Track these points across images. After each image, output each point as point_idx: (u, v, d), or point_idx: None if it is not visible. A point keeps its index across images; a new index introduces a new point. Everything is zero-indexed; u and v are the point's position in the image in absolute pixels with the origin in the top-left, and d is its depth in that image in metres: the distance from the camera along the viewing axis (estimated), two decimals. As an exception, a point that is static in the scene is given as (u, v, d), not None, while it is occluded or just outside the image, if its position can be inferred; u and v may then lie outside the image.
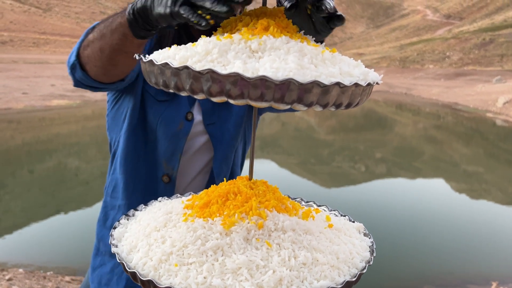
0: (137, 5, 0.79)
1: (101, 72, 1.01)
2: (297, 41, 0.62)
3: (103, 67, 0.99)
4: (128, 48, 0.92)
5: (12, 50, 43.49)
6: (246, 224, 0.65)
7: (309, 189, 7.01)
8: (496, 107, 16.50)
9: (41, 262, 4.17)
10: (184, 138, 1.26)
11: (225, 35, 0.62)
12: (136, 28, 0.82)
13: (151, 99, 1.26)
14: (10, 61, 26.89)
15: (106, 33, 0.92)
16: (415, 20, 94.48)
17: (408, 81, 29.10)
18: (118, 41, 0.90)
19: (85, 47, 1.00)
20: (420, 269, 4.30)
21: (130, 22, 0.83)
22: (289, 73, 0.53)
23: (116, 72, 1.03)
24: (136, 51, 0.92)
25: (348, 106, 0.58)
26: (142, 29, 0.82)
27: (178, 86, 0.57)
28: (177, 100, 1.26)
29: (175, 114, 1.26)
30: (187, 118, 1.26)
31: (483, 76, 26.96)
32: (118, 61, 0.97)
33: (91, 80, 1.04)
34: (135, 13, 0.80)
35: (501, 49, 36.98)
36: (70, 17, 66.18)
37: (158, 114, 1.26)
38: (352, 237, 0.75)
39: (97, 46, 0.96)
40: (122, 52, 0.93)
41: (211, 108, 1.30)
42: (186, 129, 1.26)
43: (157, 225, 0.69)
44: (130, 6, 0.82)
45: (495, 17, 63.27)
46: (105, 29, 0.93)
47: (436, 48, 43.39)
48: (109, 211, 1.34)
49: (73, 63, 1.02)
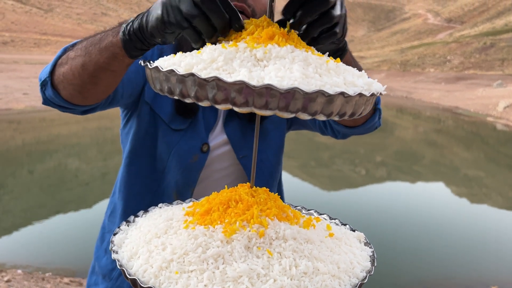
0: (134, 25, 0.78)
1: (77, 90, 0.95)
2: (302, 50, 0.62)
3: (82, 85, 0.94)
4: (115, 67, 0.89)
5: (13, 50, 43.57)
6: (247, 232, 0.64)
7: (309, 192, 7.00)
8: (496, 111, 16.50)
9: (40, 263, 4.16)
10: (198, 172, 1.20)
11: (230, 43, 0.62)
12: (130, 47, 0.81)
13: (164, 127, 1.20)
14: (11, 61, 26.93)
15: (93, 51, 0.89)
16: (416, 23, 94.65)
17: (408, 84, 29.11)
18: (106, 60, 0.87)
19: (61, 64, 0.96)
20: (420, 273, 4.29)
21: (124, 42, 0.81)
22: (294, 82, 0.53)
23: (94, 91, 0.97)
24: (123, 70, 0.91)
25: (352, 115, 0.58)
26: (136, 49, 0.81)
27: (183, 93, 0.57)
28: (192, 130, 1.20)
29: (190, 145, 1.20)
30: (203, 150, 1.20)
31: (483, 80, 26.96)
32: (101, 79, 0.93)
33: (62, 100, 0.98)
34: (130, 33, 0.79)
35: (502, 53, 37.01)
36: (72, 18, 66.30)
37: (171, 145, 1.19)
38: (353, 246, 0.74)
39: (78, 62, 0.91)
40: (107, 70, 0.90)
41: (241, 139, 1.24)
42: (201, 162, 1.20)
43: (158, 231, 0.69)
44: (125, 26, 0.81)
45: (496, 21, 63.36)
46: (91, 46, 0.90)
47: (437, 52, 43.44)
48: (106, 234, 1.32)
49: (44, 80, 0.98)
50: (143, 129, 1.21)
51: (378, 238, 4.91)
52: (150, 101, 1.20)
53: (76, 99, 0.98)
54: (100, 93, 0.99)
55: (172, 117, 1.19)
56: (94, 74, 0.91)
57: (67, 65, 0.94)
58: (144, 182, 1.23)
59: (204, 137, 1.20)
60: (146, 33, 0.75)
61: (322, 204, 6.31)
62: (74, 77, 0.93)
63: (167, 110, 1.19)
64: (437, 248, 4.79)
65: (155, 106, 1.20)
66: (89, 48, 0.90)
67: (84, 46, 0.92)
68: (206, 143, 1.20)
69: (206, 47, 0.63)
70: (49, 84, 0.97)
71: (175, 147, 1.19)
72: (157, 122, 1.20)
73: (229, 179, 1.26)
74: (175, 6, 0.67)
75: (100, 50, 0.87)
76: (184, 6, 0.65)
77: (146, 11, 0.77)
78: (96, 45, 0.89)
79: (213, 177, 1.24)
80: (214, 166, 1.24)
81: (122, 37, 0.81)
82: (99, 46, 0.88)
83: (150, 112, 1.20)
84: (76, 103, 0.99)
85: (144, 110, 1.20)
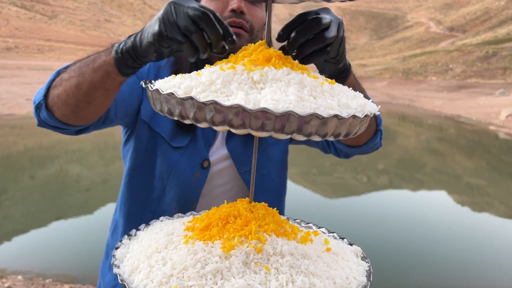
0: (127, 44, 0.81)
1: (72, 110, 0.98)
2: (297, 72, 0.64)
3: (76, 105, 0.96)
4: (108, 86, 0.92)
5: (17, 56, 43.80)
6: (245, 248, 0.65)
7: (311, 200, 6.99)
8: (499, 120, 16.48)
9: (40, 269, 4.15)
10: (200, 188, 1.20)
11: (228, 66, 0.64)
12: (122, 65, 0.84)
13: (164, 146, 1.20)
14: (15, 67, 27.07)
15: (86, 71, 0.92)
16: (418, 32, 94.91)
17: (410, 92, 29.14)
18: (99, 78, 0.90)
19: (55, 86, 0.98)
20: (422, 281, 4.27)
21: (116, 60, 0.84)
22: (289, 105, 0.55)
23: (88, 111, 0.99)
24: (115, 88, 0.94)
25: (346, 135, 0.60)
26: (128, 67, 0.84)
27: (182, 115, 0.59)
28: (192, 147, 1.20)
29: (191, 163, 1.20)
30: (203, 166, 1.20)
31: (486, 89, 26.97)
32: (94, 97, 0.95)
33: (56, 121, 1.01)
34: (123, 51, 0.82)
35: (504, 62, 37.04)
36: (75, 25, 66.69)
37: (171, 164, 1.19)
38: (350, 261, 0.75)
39: (73, 83, 0.94)
40: (100, 88, 0.93)
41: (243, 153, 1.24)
42: (202, 178, 1.20)
43: (159, 246, 0.70)
44: (118, 46, 0.84)
45: (498, 30, 63.49)
46: (85, 67, 0.93)
47: (439, 60, 43.50)
48: (110, 250, 1.31)
49: (38, 103, 1.00)
50: (142, 148, 1.22)
51: (380, 245, 4.89)
52: (148, 120, 1.20)
53: (70, 119, 1.00)
54: (93, 112, 1.01)
55: (173, 134, 1.20)
56: (88, 93, 0.94)
57: (62, 87, 0.96)
58: (144, 202, 1.23)
59: (204, 153, 1.20)
60: (140, 50, 0.78)
61: (324, 211, 6.29)
62: (68, 98, 0.95)
63: (167, 127, 1.20)
64: (439, 256, 4.77)
65: (153, 124, 1.20)
66: (82, 68, 0.93)
67: (77, 67, 0.95)
68: (206, 159, 1.20)
69: (205, 69, 0.65)
70: (43, 106, 0.99)
71: (175, 165, 1.19)
72: (156, 140, 1.21)
73: (230, 193, 1.26)
74: (173, 22, 0.70)
75: (93, 70, 0.90)
76: (182, 22, 0.69)
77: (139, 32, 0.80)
78: (89, 65, 0.92)
79: (214, 192, 1.24)
80: (215, 181, 1.23)
81: (115, 55, 0.84)
82: (92, 66, 0.91)
83: (148, 130, 1.21)
84: (70, 123, 1.02)
85: (142, 129, 1.21)
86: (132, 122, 1.23)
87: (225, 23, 0.70)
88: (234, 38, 0.70)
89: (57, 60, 42.78)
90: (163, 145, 1.20)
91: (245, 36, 1.14)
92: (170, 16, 0.70)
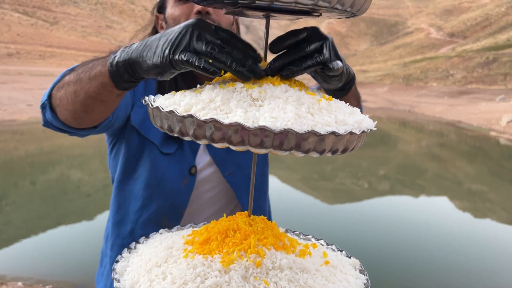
0: (120, 57, 0.74)
1: (71, 116, 0.94)
2: (295, 89, 0.65)
3: (75, 111, 0.92)
4: (105, 98, 0.85)
5: (19, 62, 43.95)
6: (245, 262, 0.66)
7: (312, 205, 6.97)
8: (499, 125, 16.47)
9: (41, 275, 4.14)
10: (189, 194, 1.21)
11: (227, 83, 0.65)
12: (119, 79, 0.76)
13: (153, 152, 1.19)
14: (16, 73, 27.16)
15: (84, 78, 0.85)
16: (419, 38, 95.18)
17: (411, 98, 29.16)
18: (95, 89, 0.83)
19: (59, 88, 0.94)
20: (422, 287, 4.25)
21: (111, 73, 0.76)
22: (287, 122, 0.56)
23: (87, 119, 0.95)
24: (113, 100, 0.88)
25: (344, 151, 0.62)
26: (125, 81, 0.76)
27: (182, 132, 0.60)
28: (180, 153, 1.21)
29: (180, 169, 1.20)
30: (191, 172, 1.21)
31: (486, 95, 27.00)
32: (92, 108, 0.90)
33: (60, 123, 0.97)
34: (119, 65, 0.74)
35: (504, 68, 37.11)
36: (77, 31, 66.96)
37: (161, 170, 1.19)
38: (348, 274, 0.76)
39: (71, 89, 0.89)
40: (97, 100, 0.86)
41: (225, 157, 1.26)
42: (190, 184, 1.21)
43: (158, 260, 0.71)
44: (113, 57, 0.76)
45: (498, 36, 63.65)
46: (82, 73, 0.86)
47: (440, 66, 43.59)
48: (104, 258, 1.32)
49: (43, 103, 0.97)
50: (131, 155, 1.21)
51: (380, 251, 4.87)
52: (138, 126, 1.19)
53: (72, 123, 0.97)
54: (93, 121, 0.98)
55: (163, 140, 1.20)
56: (84, 102, 0.88)
57: (63, 90, 0.92)
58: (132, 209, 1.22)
59: (191, 160, 1.22)
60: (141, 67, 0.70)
61: (324, 217, 6.28)
62: (68, 103, 0.91)
63: (157, 133, 1.20)
64: (440, 262, 4.75)
65: (143, 131, 1.19)
66: (80, 74, 0.87)
67: (77, 73, 0.89)
68: (194, 166, 1.22)
69: (204, 86, 0.67)
70: (48, 107, 0.96)
71: (165, 172, 1.20)
72: (145, 147, 1.20)
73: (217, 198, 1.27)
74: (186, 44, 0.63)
75: (89, 79, 0.83)
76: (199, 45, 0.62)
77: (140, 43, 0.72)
78: (86, 72, 0.85)
79: (202, 198, 1.25)
80: (202, 187, 1.24)
81: (110, 68, 0.76)
82: (89, 74, 0.84)
83: (138, 137, 1.20)
84: (73, 126, 0.98)
85: (131, 135, 1.20)
86: (119, 129, 1.21)
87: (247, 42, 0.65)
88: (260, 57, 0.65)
89: (58, 66, 42.92)
90: (153, 151, 1.20)
91: None
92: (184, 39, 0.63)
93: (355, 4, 0.60)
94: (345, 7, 0.59)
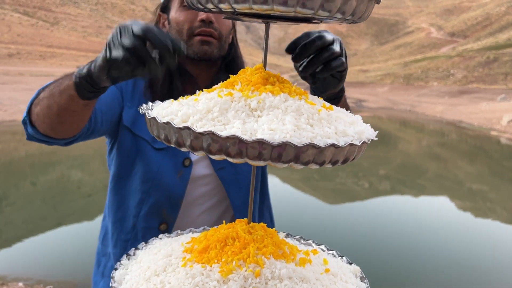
0: (83, 70, 0.86)
1: (49, 128, 1.04)
2: (295, 98, 0.64)
3: (51, 123, 1.03)
4: (74, 108, 0.97)
5: (19, 62, 43.94)
6: (244, 272, 0.65)
7: (312, 205, 6.97)
8: (500, 125, 16.46)
9: (41, 276, 4.14)
10: (185, 186, 1.25)
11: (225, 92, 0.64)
12: (83, 90, 0.88)
13: (148, 148, 1.25)
14: (17, 73, 27.17)
15: (55, 92, 0.97)
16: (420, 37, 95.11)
17: (412, 98, 29.15)
18: (65, 101, 0.95)
19: (35, 104, 1.04)
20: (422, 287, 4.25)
21: (76, 85, 0.88)
22: (286, 135, 0.55)
23: (63, 129, 1.06)
24: (82, 110, 0.99)
25: (344, 162, 0.60)
26: (88, 92, 0.88)
27: (179, 142, 0.59)
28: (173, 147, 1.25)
29: (174, 162, 1.25)
30: (185, 164, 1.25)
31: (487, 94, 26.97)
32: (65, 119, 1.01)
33: (41, 135, 1.07)
34: (81, 77, 0.86)
35: (505, 67, 37.07)
36: (77, 31, 66.96)
37: (155, 165, 1.25)
38: (348, 282, 0.75)
39: (46, 104, 1.00)
40: (69, 111, 0.98)
41: None
42: (186, 176, 1.25)
43: (157, 269, 0.70)
44: (78, 71, 0.88)
45: (499, 35, 63.59)
46: (54, 88, 0.98)
47: (440, 66, 43.57)
48: (101, 258, 1.35)
49: (24, 119, 1.07)
50: (125, 153, 1.26)
51: (381, 251, 4.87)
52: (130, 125, 1.26)
53: (51, 134, 1.07)
54: (69, 130, 1.08)
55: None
56: (58, 114, 0.99)
57: (39, 106, 1.03)
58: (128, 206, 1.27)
59: (184, 152, 1.25)
60: (94, 76, 0.82)
61: (325, 217, 6.28)
62: (44, 117, 1.02)
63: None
64: (440, 262, 4.75)
65: (135, 129, 1.25)
66: (53, 90, 0.99)
67: (50, 88, 1.01)
68: (187, 158, 1.26)
69: (202, 95, 0.66)
70: (28, 122, 1.06)
71: (160, 166, 1.24)
72: (139, 144, 1.26)
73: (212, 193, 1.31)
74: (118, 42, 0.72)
75: (60, 92, 0.96)
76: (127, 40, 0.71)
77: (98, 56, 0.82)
78: (57, 87, 0.97)
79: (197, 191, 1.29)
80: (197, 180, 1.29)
81: (74, 80, 0.89)
82: (59, 89, 0.96)
83: (131, 136, 1.26)
84: (53, 137, 1.08)
85: (124, 134, 1.26)
86: (115, 130, 1.28)
87: (170, 35, 0.73)
88: (183, 49, 0.72)
89: (59, 66, 42.91)
90: (146, 148, 1.25)
91: (215, 43, 1.24)
92: (116, 38, 0.73)
93: (355, 13, 0.59)
94: (345, 16, 0.59)
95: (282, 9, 0.55)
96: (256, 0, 0.55)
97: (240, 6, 0.57)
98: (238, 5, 0.57)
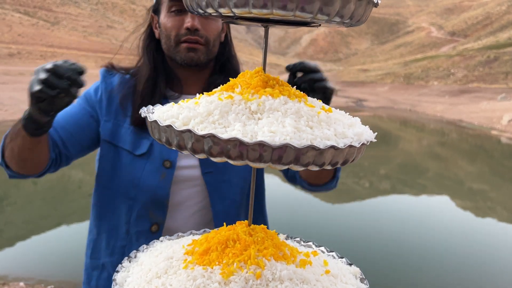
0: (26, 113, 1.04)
1: (19, 166, 1.18)
2: (294, 101, 0.65)
3: (18, 162, 1.17)
4: (29, 146, 1.12)
5: (20, 62, 43.94)
6: (245, 274, 0.66)
7: (313, 205, 6.97)
8: (501, 124, 16.46)
9: (42, 276, 4.15)
10: (168, 187, 1.27)
11: (226, 95, 0.65)
12: (30, 129, 1.06)
13: (130, 157, 1.29)
14: (17, 73, 27.17)
15: (13, 136, 1.13)
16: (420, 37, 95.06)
17: (412, 97, 29.15)
18: (21, 142, 1.11)
19: (4, 148, 1.18)
20: (423, 287, 4.25)
21: (24, 126, 1.06)
22: (286, 137, 0.56)
23: (28, 166, 1.19)
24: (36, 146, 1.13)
25: (344, 163, 0.61)
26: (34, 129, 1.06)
27: (180, 145, 0.60)
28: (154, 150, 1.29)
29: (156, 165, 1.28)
30: (165, 166, 1.27)
31: (487, 94, 26.97)
32: (26, 157, 1.16)
33: (17, 174, 1.20)
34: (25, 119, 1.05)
35: (505, 66, 37.06)
36: (78, 31, 66.96)
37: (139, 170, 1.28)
38: (348, 283, 0.75)
39: (10, 147, 1.15)
40: (26, 149, 1.12)
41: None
42: (169, 177, 1.28)
43: (158, 271, 0.70)
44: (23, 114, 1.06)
45: (499, 35, 63.53)
46: (13, 134, 1.13)
47: (441, 65, 43.55)
48: (91, 273, 1.36)
49: (0, 163, 1.20)
50: (108, 165, 1.31)
51: (382, 250, 4.88)
52: (109, 138, 1.30)
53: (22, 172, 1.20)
54: (34, 166, 1.20)
55: (134, 143, 1.29)
56: (19, 154, 1.14)
57: (6, 150, 1.17)
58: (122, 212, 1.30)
59: (164, 155, 1.28)
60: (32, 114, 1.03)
61: (326, 217, 6.28)
62: (12, 158, 1.17)
63: (127, 139, 1.29)
64: (441, 261, 4.75)
65: (115, 141, 1.30)
66: (12, 135, 1.14)
67: (10, 134, 1.15)
68: (167, 160, 1.28)
69: (203, 98, 0.67)
70: (3, 164, 1.20)
71: (143, 171, 1.28)
72: (120, 154, 1.30)
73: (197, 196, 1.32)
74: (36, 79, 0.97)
75: (16, 134, 1.12)
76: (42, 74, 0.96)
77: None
78: (14, 132, 1.13)
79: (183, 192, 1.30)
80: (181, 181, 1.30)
81: (22, 123, 1.07)
82: (15, 133, 1.12)
83: (111, 148, 1.30)
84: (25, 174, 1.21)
85: (105, 148, 1.31)
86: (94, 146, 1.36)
87: (78, 67, 0.99)
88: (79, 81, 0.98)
89: (59, 66, 42.80)
90: (128, 157, 1.29)
91: (201, 49, 1.29)
92: (35, 76, 0.97)
93: (354, 16, 0.60)
94: (344, 19, 0.59)
95: (282, 13, 0.56)
96: (255, 5, 0.55)
97: (240, 10, 0.57)
98: (237, 9, 0.57)
